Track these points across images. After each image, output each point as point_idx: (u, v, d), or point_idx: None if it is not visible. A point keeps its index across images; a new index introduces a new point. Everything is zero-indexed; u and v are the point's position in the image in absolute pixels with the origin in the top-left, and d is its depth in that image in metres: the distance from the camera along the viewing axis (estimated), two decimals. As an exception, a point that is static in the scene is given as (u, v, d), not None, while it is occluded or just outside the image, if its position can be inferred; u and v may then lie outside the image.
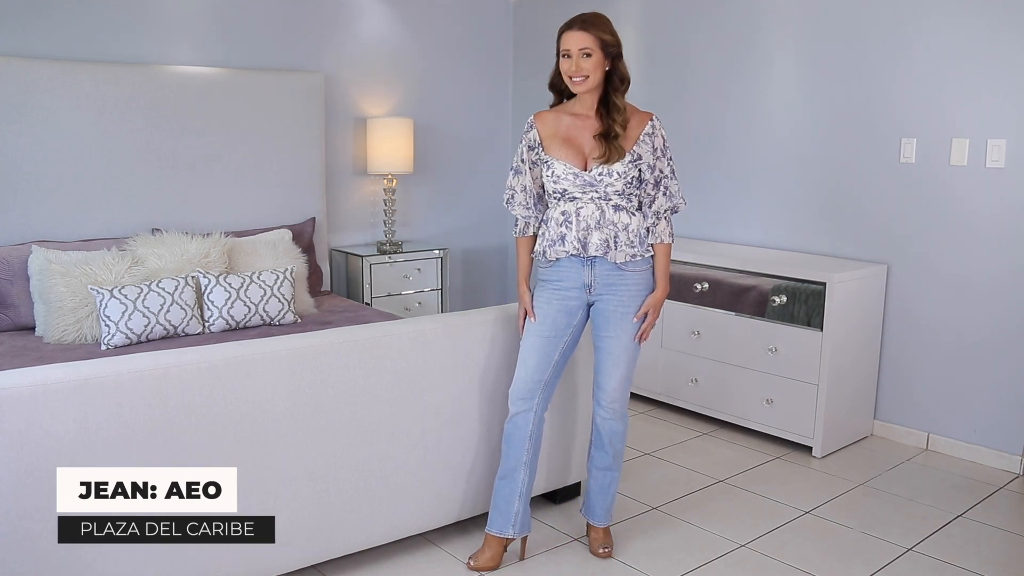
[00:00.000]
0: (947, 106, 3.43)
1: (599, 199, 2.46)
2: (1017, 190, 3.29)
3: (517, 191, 2.57)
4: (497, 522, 2.58)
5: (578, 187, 2.45)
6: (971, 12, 3.33)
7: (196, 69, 3.93)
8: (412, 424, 2.56)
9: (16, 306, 3.36)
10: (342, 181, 4.63)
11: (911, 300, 3.62)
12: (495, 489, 2.61)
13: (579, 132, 2.49)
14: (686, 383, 3.97)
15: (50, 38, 3.63)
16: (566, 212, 2.48)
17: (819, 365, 3.47)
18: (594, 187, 2.45)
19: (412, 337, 2.55)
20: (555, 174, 2.46)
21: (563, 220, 2.48)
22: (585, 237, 2.45)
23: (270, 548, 2.33)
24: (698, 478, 3.32)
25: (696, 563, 2.66)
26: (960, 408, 3.52)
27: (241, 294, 3.38)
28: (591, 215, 2.45)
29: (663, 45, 4.46)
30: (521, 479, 2.56)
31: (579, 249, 2.46)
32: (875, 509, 3.07)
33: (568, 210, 2.47)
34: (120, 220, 3.74)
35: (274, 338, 2.37)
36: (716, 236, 4.33)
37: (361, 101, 4.63)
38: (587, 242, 2.46)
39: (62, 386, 1.99)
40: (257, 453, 2.28)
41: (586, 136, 2.48)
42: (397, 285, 4.55)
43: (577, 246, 2.46)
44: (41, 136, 3.52)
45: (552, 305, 2.52)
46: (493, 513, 2.59)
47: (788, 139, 3.98)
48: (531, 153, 2.53)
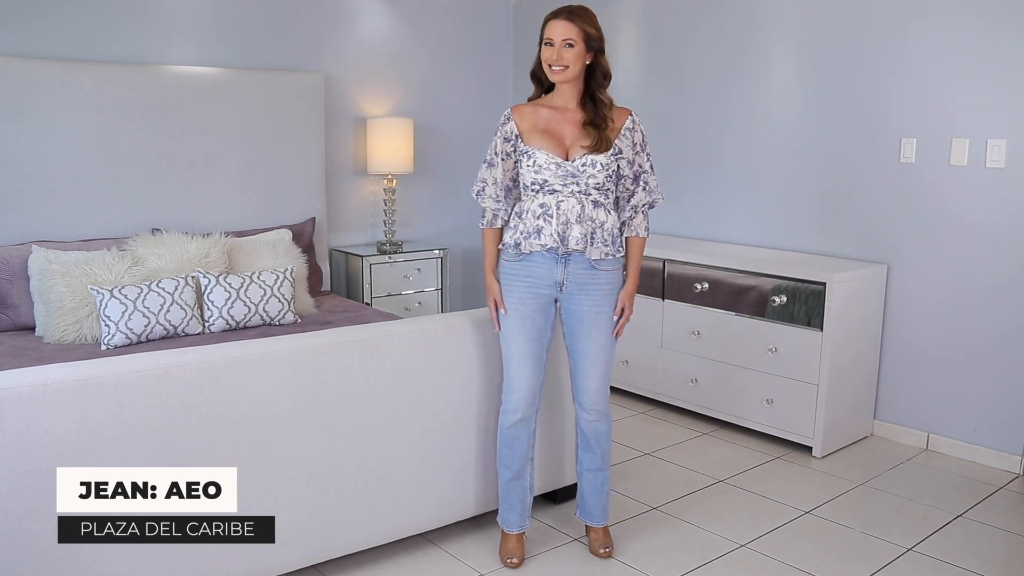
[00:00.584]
0: (947, 106, 3.43)
1: (580, 193, 2.45)
2: (1017, 190, 3.29)
3: (488, 183, 2.55)
4: (516, 520, 2.64)
5: (559, 178, 2.43)
6: (971, 12, 3.32)
7: (196, 69, 3.93)
8: (412, 424, 2.56)
9: (16, 306, 3.36)
10: (342, 181, 4.63)
11: (911, 300, 3.62)
12: (505, 491, 2.62)
13: (559, 124, 2.48)
14: (686, 383, 3.97)
15: (50, 38, 3.63)
16: (545, 205, 2.45)
17: (819, 365, 3.47)
18: (576, 179, 2.43)
19: (412, 337, 2.55)
20: (537, 163, 2.44)
21: (541, 212, 2.45)
22: (564, 231, 2.44)
23: (270, 548, 2.33)
24: (698, 478, 3.32)
25: (696, 563, 2.66)
26: (960, 408, 3.52)
27: (241, 294, 3.38)
28: (571, 209, 2.44)
29: (663, 45, 4.46)
30: (529, 474, 2.63)
31: (557, 243, 2.44)
32: (875, 509, 3.07)
33: (548, 203, 2.45)
34: (120, 220, 3.74)
35: (274, 338, 2.37)
36: (716, 236, 4.33)
37: (361, 101, 4.63)
38: (567, 236, 2.44)
39: (62, 386, 1.99)
40: (257, 453, 2.28)
41: (567, 128, 2.47)
42: (397, 285, 4.55)
43: (556, 239, 2.44)
44: (41, 136, 3.52)
45: (527, 305, 2.50)
46: (510, 514, 2.63)
47: (788, 139, 3.98)
48: (506, 145, 2.52)
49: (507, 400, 2.55)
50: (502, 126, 2.53)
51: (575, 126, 2.47)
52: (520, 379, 2.51)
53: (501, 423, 2.58)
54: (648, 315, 4.08)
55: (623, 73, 4.66)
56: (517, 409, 2.53)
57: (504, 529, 2.66)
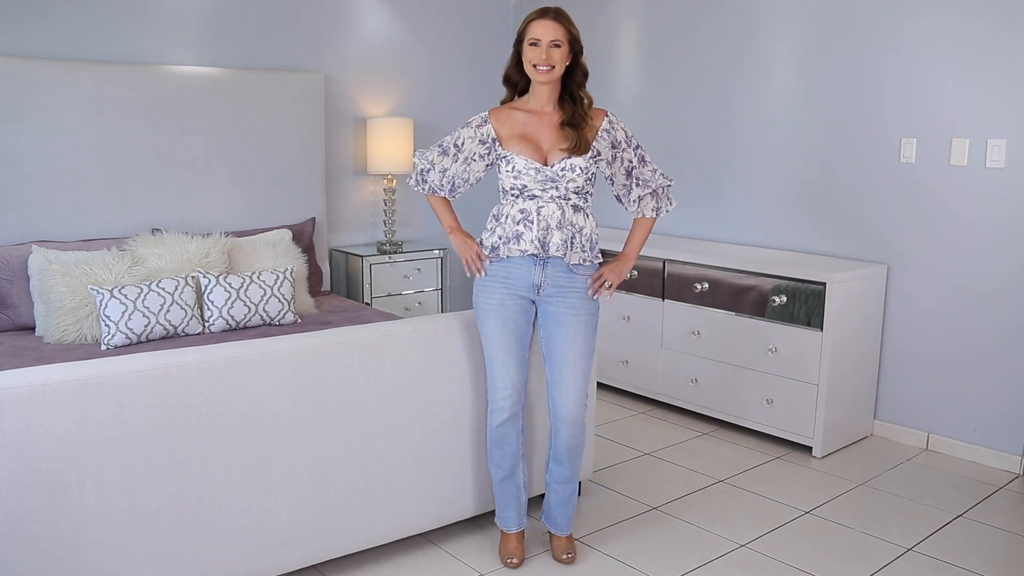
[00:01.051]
0: (947, 106, 3.43)
1: (559, 198, 2.44)
2: (1017, 190, 3.29)
3: (436, 169, 2.56)
4: (514, 520, 2.64)
5: (539, 183, 2.43)
6: (971, 12, 3.32)
7: (196, 69, 3.93)
8: (412, 424, 2.56)
9: (16, 306, 3.36)
10: (342, 181, 4.63)
11: (911, 300, 3.62)
12: (499, 491, 2.62)
13: (536, 128, 2.47)
14: (686, 383, 3.97)
15: (50, 38, 3.63)
16: (525, 211, 2.44)
17: (819, 365, 3.47)
18: (555, 183, 2.43)
19: (412, 337, 2.55)
20: (516, 169, 2.43)
21: (521, 218, 2.44)
22: (545, 237, 2.43)
23: (270, 548, 2.33)
24: (698, 478, 3.32)
25: (696, 563, 2.66)
26: (960, 408, 3.52)
27: (241, 294, 3.38)
28: (552, 215, 2.43)
29: (663, 45, 4.46)
30: (522, 471, 2.63)
31: (538, 249, 2.43)
32: (875, 509, 3.07)
33: (528, 208, 2.44)
34: (120, 220, 3.74)
35: (274, 338, 2.37)
36: (716, 236, 4.33)
37: (361, 101, 4.63)
38: (547, 242, 2.43)
39: (62, 386, 1.99)
40: (257, 453, 2.28)
41: (544, 131, 2.46)
42: (397, 285, 4.55)
43: (536, 245, 2.43)
44: (41, 136, 3.52)
45: (507, 307, 2.49)
46: (507, 513, 2.63)
47: (788, 139, 3.98)
48: (480, 147, 2.51)
49: (493, 400, 2.54)
50: (478, 127, 2.51)
51: (552, 129, 2.46)
52: (505, 378, 2.50)
53: (489, 423, 2.57)
54: (648, 315, 4.08)
55: (623, 73, 4.66)
56: (504, 408, 2.52)
57: (503, 529, 2.66)
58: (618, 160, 2.54)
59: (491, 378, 2.53)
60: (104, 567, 2.09)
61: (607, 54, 4.69)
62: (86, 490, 2.04)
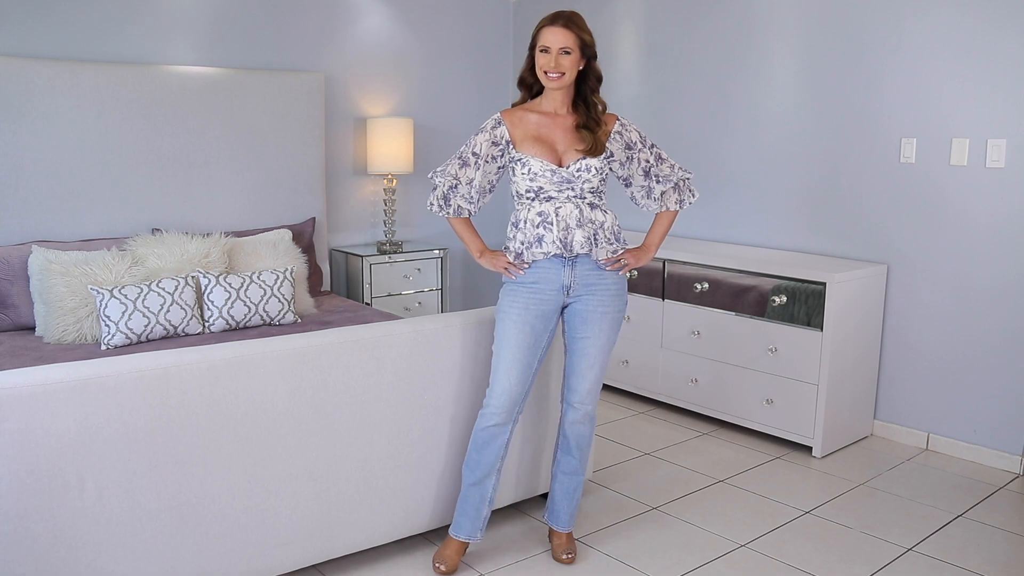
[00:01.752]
0: (947, 106, 3.43)
1: (576, 198, 2.44)
2: (1017, 190, 3.29)
3: (463, 182, 2.50)
4: (466, 527, 2.56)
5: (555, 185, 2.43)
6: (971, 11, 3.33)
7: (196, 69, 3.93)
8: (412, 424, 2.56)
9: (16, 306, 3.36)
10: (342, 181, 4.63)
11: (911, 300, 3.62)
12: (464, 495, 2.56)
13: (550, 130, 2.47)
14: (686, 383, 3.97)
15: (50, 38, 3.63)
16: (543, 213, 2.43)
17: (819, 365, 3.47)
18: (571, 184, 2.43)
19: (412, 337, 2.54)
20: (532, 171, 2.42)
21: (540, 221, 2.44)
22: (566, 236, 2.42)
23: (270, 548, 2.33)
24: (698, 478, 3.32)
25: (696, 563, 2.66)
26: (960, 408, 3.52)
27: (241, 294, 3.38)
28: (570, 214, 2.43)
29: (663, 45, 4.46)
30: (492, 485, 2.56)
31: (561, 248, 2.43)
32: (875, 509, 3.07)
33: (546, 210, 2.43)
34: (120, 220, 3.74)
35: (274, 338, 2.36)
36: (716, 236, 4.33)
37: (361, 101, 4.63)
38: (569, 241, 2.43)
39: (62, 386, 1.99)
40: (257, 453, 2.28)
41: (558, 133, 2.46)
42: (397, 285, 4.55)
43: (559, 246, 2.43)
44: (41, 136, 3.52)
45: (530, 312, 2.46)
46: (462, 519, 2.56)
47: (788, 139, 3.98)
48: (494, 149, 2.49)
49: (487, 403, 2.50)
50: (492, 130, 2.50)
51: (566, 131, 2.46)
52: (505, 383, 2.47)
53: (476, 423, 2.53)
54: (648, 315, 4.08)
55: (623, 73, 4.66)
56: (496, 413, 2.48)
57: (450, 533, 2.58)
58: (634, 161, 2.54)
59: (492, 379, 2.52)
60: (104, 567, 2.09)
61: (607, 54, 4.68)
62: (86, 490, 2.04)
